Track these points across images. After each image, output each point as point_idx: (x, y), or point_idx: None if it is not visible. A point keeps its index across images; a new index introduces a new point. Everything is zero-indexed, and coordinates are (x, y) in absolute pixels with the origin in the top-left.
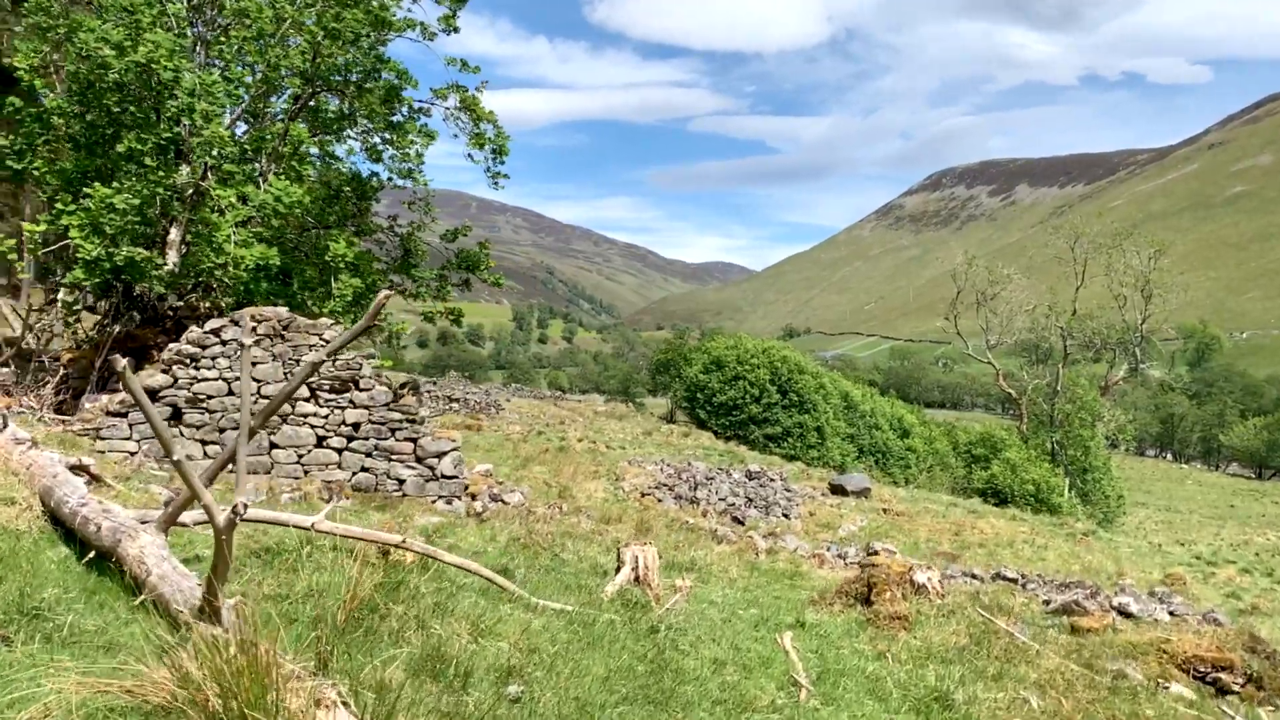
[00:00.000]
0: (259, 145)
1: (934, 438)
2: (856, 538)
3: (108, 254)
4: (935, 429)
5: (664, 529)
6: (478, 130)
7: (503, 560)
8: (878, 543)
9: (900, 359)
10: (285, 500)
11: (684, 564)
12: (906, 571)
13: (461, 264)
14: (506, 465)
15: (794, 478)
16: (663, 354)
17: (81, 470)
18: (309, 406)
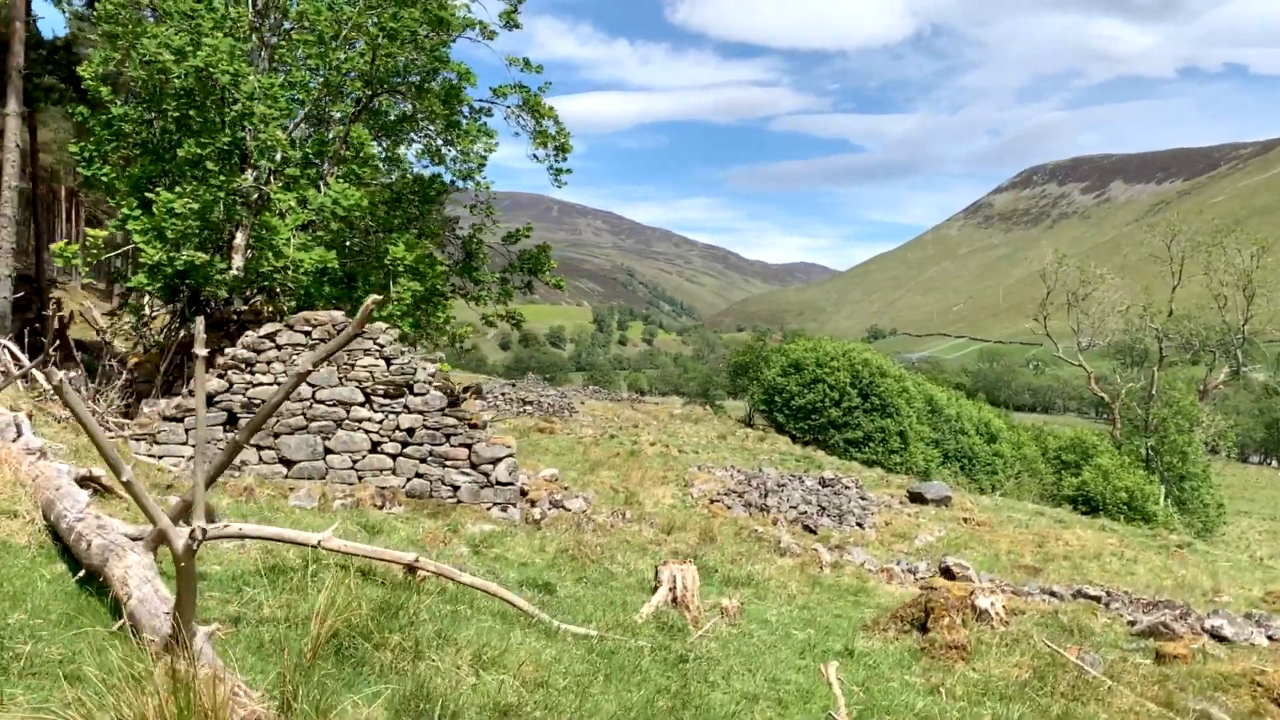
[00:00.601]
0: (320, 149)
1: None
2: (933, 549)
3: (169, 259)
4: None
5: (729, 538)
6: (540, 128)
7: (547, 574)
8: (952, 556)
9: (989, 361)
10: (337, 506)
11: (740, 579)
12: (968, 596)
13: (523, 266)
14: (574, 470)
15: (871, 485)
16: (741, 356)
17: (91, 481)
18: (364, 411)
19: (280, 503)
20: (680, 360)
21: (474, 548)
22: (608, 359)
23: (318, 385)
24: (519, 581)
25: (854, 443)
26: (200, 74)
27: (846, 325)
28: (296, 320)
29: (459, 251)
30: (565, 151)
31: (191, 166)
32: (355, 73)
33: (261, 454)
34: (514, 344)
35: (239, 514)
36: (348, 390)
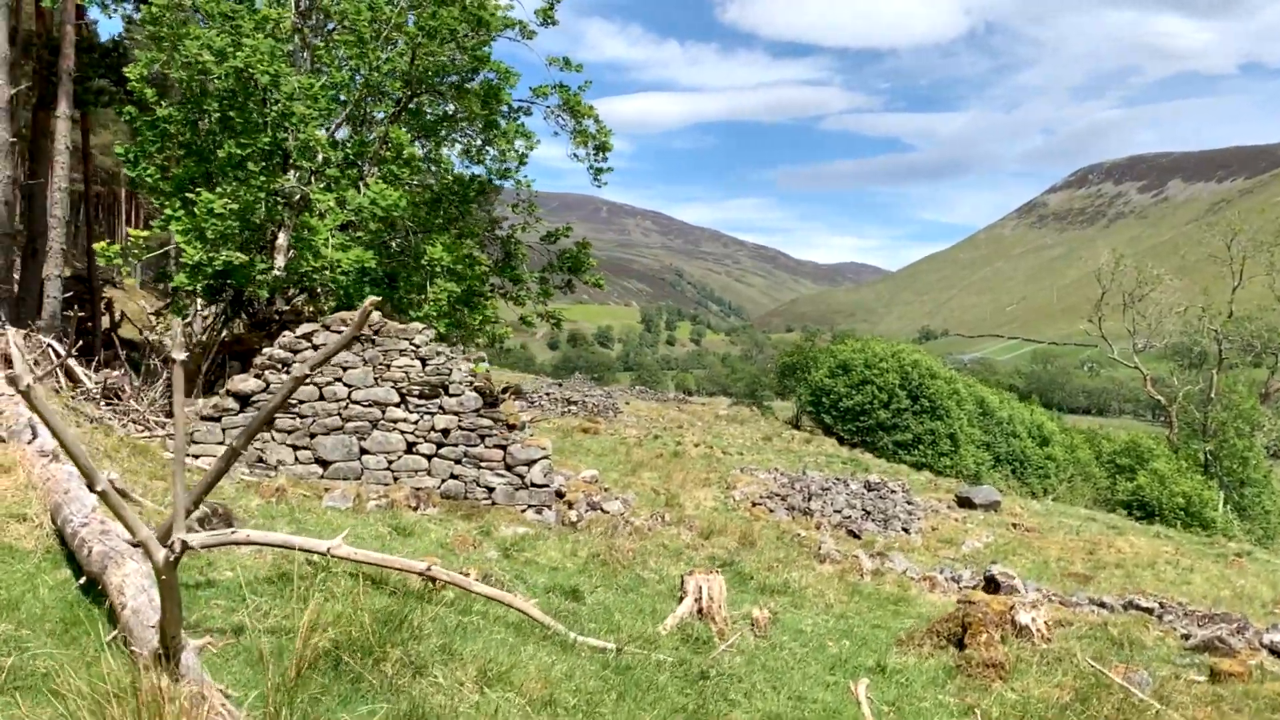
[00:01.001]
0: (361, 150)
1: (1076, 446)
2: (980, 556)
3: (209, 259)
4: (1077, 436)
5: (770, 543)
6: (580, 127)
7: (576, 580)
8: (998, 565)
9: (1042, 363)
10: (371, 507)
11: (776, 586)
12: (1008, 610)
13: (563, 265)
14: (616, 471)
15: (919, 489)
16: (788, 356)
17: None
18: (399, 412)
19: (313, 504)
20: (728, 360)
21: (504, 551)
22: (655, 359)
23: (354, 385)
24: (547, 588)
25: (903, 445)
26: (240, 74)
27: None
28: (333, 320)
29: (499, 251)
30: (605, 150)
31: (233, 167)
32: (396, 73)
33: (298, 454)
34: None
35: (268, 515)
36: (383, 391)
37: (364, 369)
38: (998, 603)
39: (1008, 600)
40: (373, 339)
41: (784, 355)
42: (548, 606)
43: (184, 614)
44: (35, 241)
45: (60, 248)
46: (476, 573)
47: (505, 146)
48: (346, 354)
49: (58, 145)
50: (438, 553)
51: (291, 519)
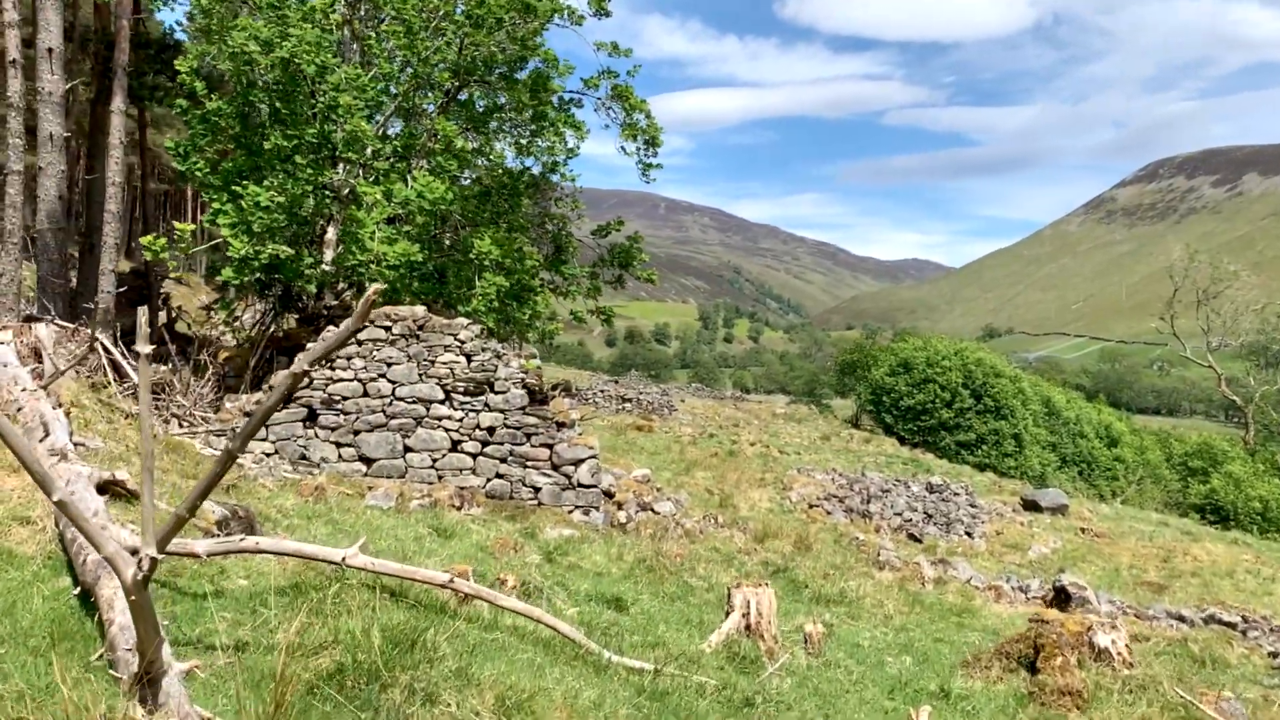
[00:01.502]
0: (410, 143)
1: (1145, 447)
2: (1047, 562)
3: (254, 252)
4: (1147, 438)
5: (827, 547)
6: (630, 120)
7: (620, 587)
8: (1068, 574)
9: (1111, 361)
10: (414, 506)
11: (832, 596)
12: (1084, 631)
13: (613, 259)
14: (669, 470)
15: (983, 491)
16: (848, 354)
17: (115, 485)
18: (443, 409)
19: (354, 503)
20: (786, 358)
21: (547, 555)
22: (713, 356)
23: (398, 382)
24: (589, 595)
25: (965, 445)
26: (287, 65)
27: (961, 324)
28: (377, 315)
29: (548, 246)
30: (655, 145)
31: (281, 160)
32: (444, 63)
33: (341, 451)
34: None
35: (304, 515)
36: (427, 387)
37: (408, 365)
38: (1073, 622)
39: (1084, 619)
40: (417, 334)
41: (843, 353)
42: (588, 617)
43: (188, 628)
44: (92, 236)
45: (114, 242)
46: (514, 580)
47: (554, 138)
48: (392, 350)
49: (112, 140)
50: (476, 556)
51: (328, 519)
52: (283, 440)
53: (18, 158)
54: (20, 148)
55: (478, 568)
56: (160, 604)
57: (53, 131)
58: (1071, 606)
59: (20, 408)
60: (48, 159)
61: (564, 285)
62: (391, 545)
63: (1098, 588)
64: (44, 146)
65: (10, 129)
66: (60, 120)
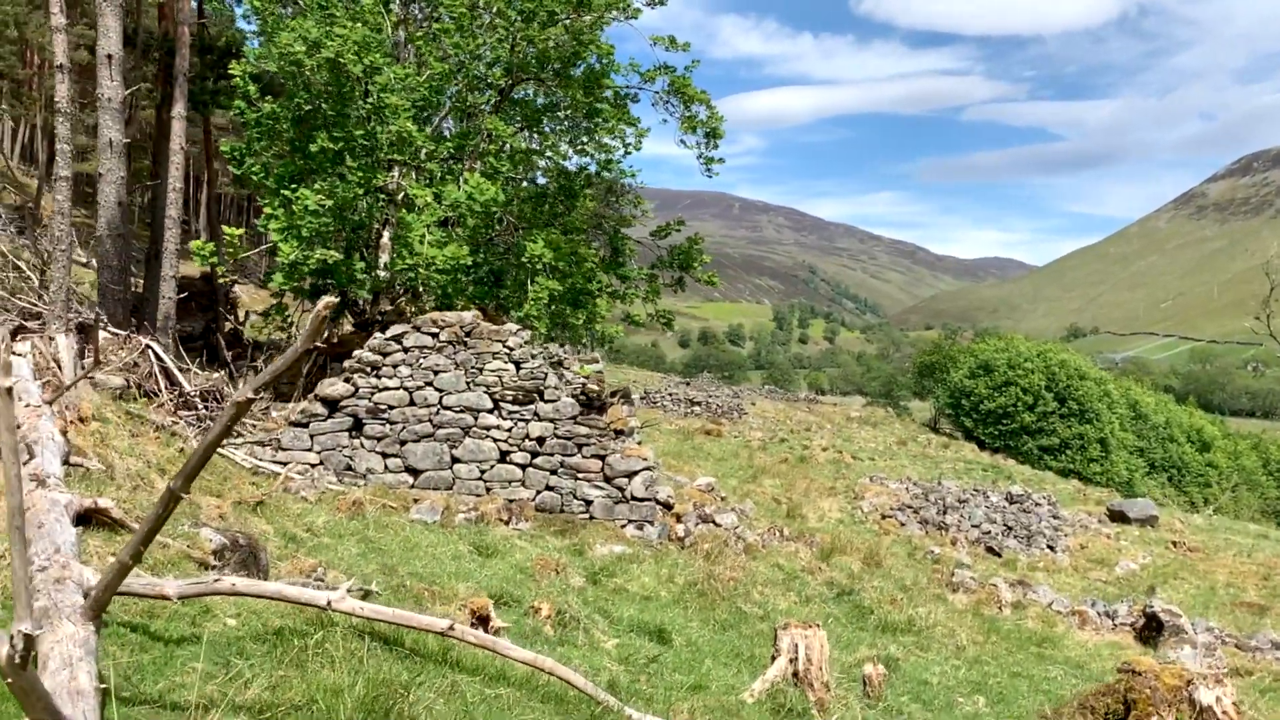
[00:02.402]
0: (462, 144)
1: (1240, 452)
2: (1135, 579)
3: (304, 257)
4: (1241, 442)
5: (900, 562)
6: (689, 113)
7: (668, 614)
8: (1159, 600)
9: (1201, 362)
10: (460, 521)
11: (899, 624)
12: (1182, 685)
13: (673, 261)
14: (735, 477)
15: (1066, 500)
16: (926, 356)
17: (98, 514)
18: (491, 419)
19: (394, 518)
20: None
21: (591, 576)
22: (787, 358)
23: (445, 390)
24: (630, 625)
25: (1049, 450)
26: (333, 66)
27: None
28: (424, 321)
29: (605, 248)
30: (716, 138)
31: (330, 163)
32: (498, 62)
33: (387, 462)
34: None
35: (335, 534)
36: (475, 396)
37: (455, 373)
38: (1170, 674)
39: (1182, 671)
40: (464, 341)
41: (921, 354)
42: (627, 651)
43: (151, 681)
44: (158, 244)
45: (175, 248)
46: (549, 608)
47: (609, 134)
48: (438, 358)
49: (173, 145)
50: (515, 579)
51: (362, 538)
52: (327, 451)
53: (66, 164)
54: (69, 154)
55: (513, 593)
56: (127, 652)
57: (112, 138)
58: (1164, 636)
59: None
60: (107, 165)
61: (621, 288)
62: (428, 566)
63: (1191, 609)
64: (104, 153)
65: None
66: (119, 126)
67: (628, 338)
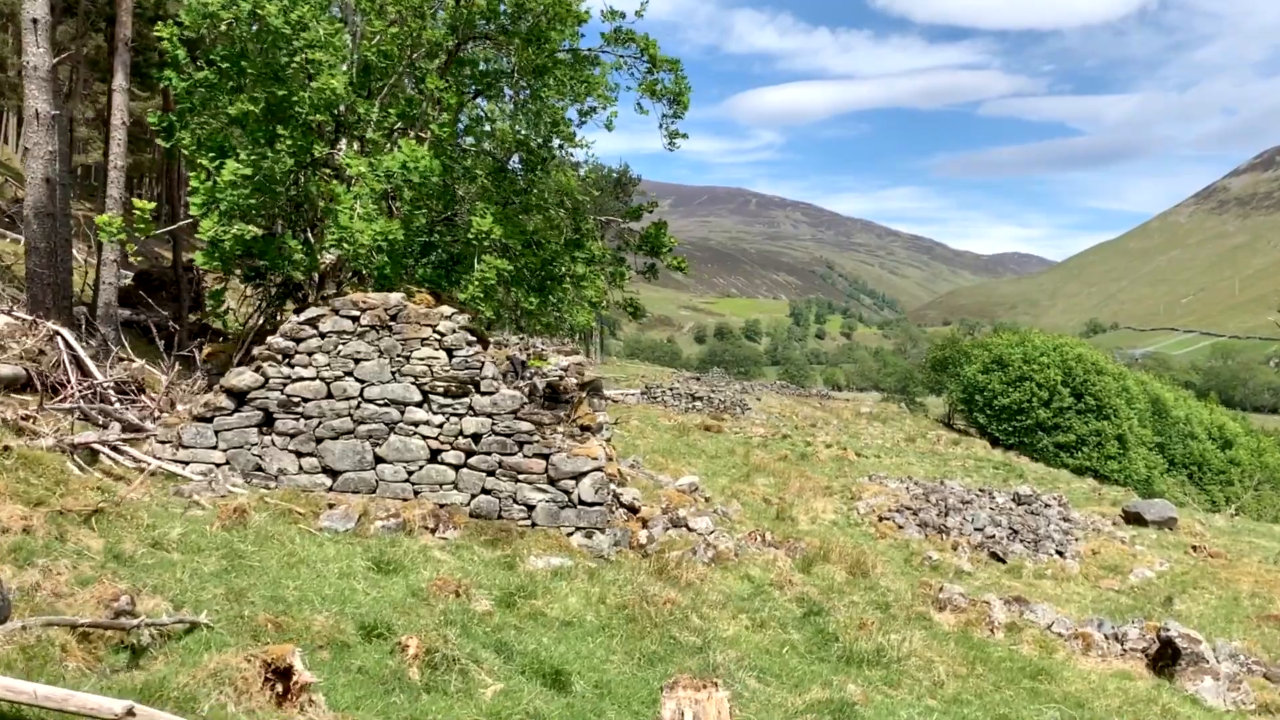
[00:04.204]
0: (409, 111)
1: (1263, 449)
2: (1151, 589)
3: (222, 234)
4: (1265, 439)
5: (893, 568)
6: (652, 78)
7: (583, 646)
8: (1175, 621)
9: (1223, 358)
10: (377, 529)
11: (866, 654)
12: None
13: (641, 246)
14: (726, 476)
15: (1080, 501)
16: (939, 350)
17: None
18: (420, 413)
19: (293, 527)
20: (880, 355)
21: (505, 598)
22: (804, 353)
23: (367, 381)
24: (529, 664)
25: (1064, 447)
26: (253, 19)
27: (1062, 319)
28: (343, 303)
29: (569, 229)
30: (681, 105)
31: (263, 131)
32: (440, 22)
33: (302, 462)
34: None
35: (192, 548)
36: (401, 387)
37: (379, 361)
38: None
39: None
40: (389, 325)
41: (935, 349)
42: (509, 702)
43: None
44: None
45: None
46: (418, 645)
47: (559, 95)
48: (360, 344)
49: (113, 120)
50: (404, 604)
51: (231, 553)
52: (234, 449)
53: None
54: None
55: (392, 622)
56: None
57: (39, 109)
58: (1181, 665)
59: None
60: (35, 139)
61: (585, 271)
62: (301, 589)
63: (1213, 623)
64: (30, 125)
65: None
66: (47, 97)
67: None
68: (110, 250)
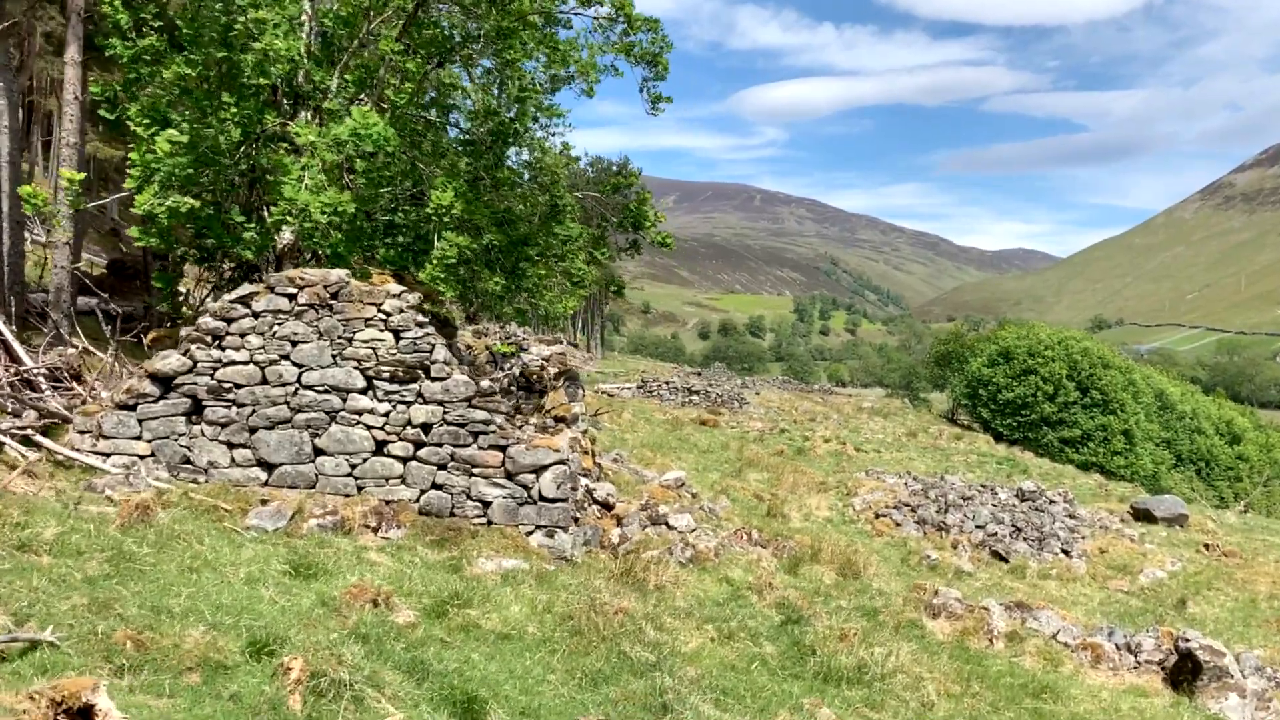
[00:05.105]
0: (366, 78)
1: (1272, 445)
2: (1163, 590)
3: (156, 207)
4: (1273, 434)
5: (889, 568)
6: (629, 40)
7: (518, 664)
8: (1195, 635)
9: (1229, 353)
10: (312, 528)
11: (846, 671)
12: None
13: (622, 222)
14: (717, 471)
15: (1086, 497)
16: (942, 345)
17: None
18: (364, 400)
19: (214, 526)
20: (884, 351)
21: (436, 608)
22: (808, 350)
23: (305, 365)
24: (442, 689)
25: (1069, 442)
26: None
27: (1067, 315)
28: (278, 280)
29: (544, 207)
30: (660, 67)
31: (208, 98)
32: None
33: (234, 454)
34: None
35: (70, 552)
36: (343, 372)
37: (318, 344)
38: None
39: None
40: (330, 305)
41: (938, 344)
42: None
43: None
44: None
45: (69, 212)
46: (300, 668)
47: (526, 58)
48: (297, 325)
49: (65, 95)
50: (311, 615)
51: (117, 555)
52: (160, 440)
53: None
54: None
55: (291, 637)
56: None
57: None
58: (1202, 680)
59: None
60: None
61: (560, 248)
62: (194, 597)
63: (1230, 627)
64: None
65: None
66: None
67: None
68: (61, 233)
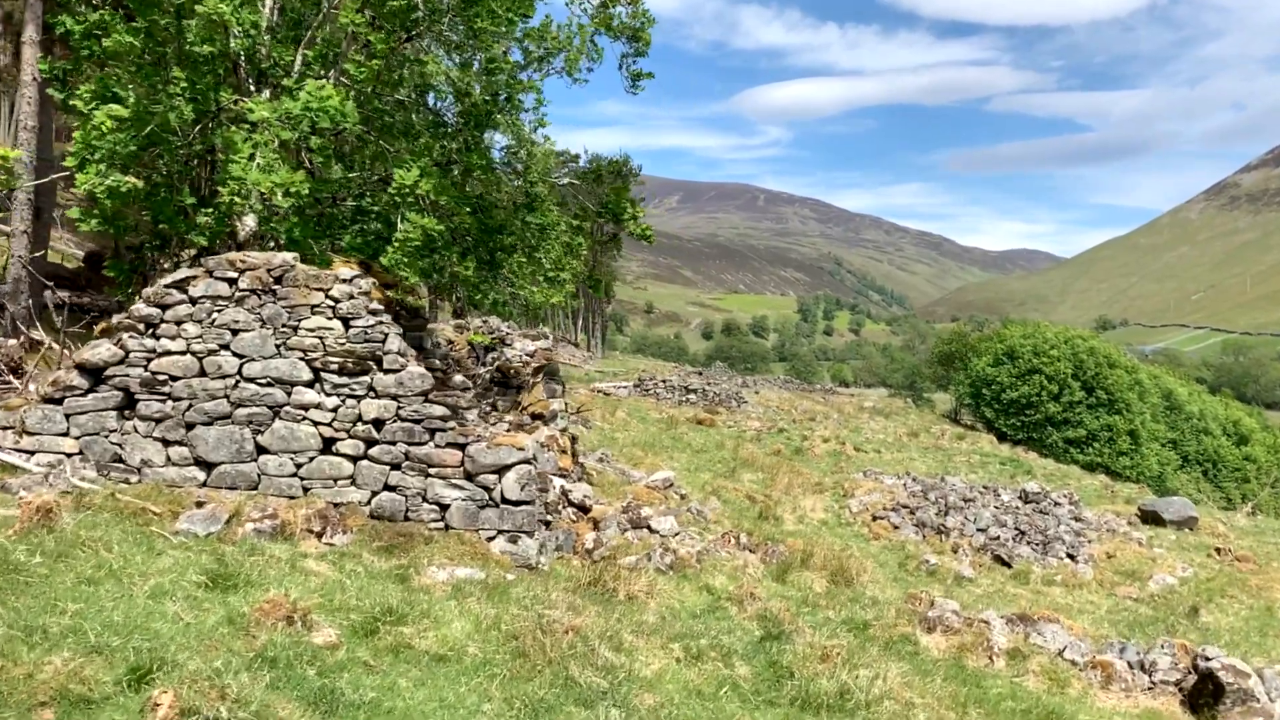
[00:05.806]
0: (328, 51)
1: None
2: (1174, 598)
3: (96, 186)
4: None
5: (886, 573)
6: (606, 13)
7: (450, 692)
8: (1218, 652)
9: (1234, 354)
10: (248, 533)
11: (826, 697)
12: None
13: (601, 211)
14: (710, 471)
15: (1091, 499)
16: (946, 344)
17: None
18: (310, 394)
19: (136, 531)
20: (888, 351)
21: (367, 624)
22: (811, 349)
23: (246, 356)
24: None
25: (1074, 442)
26: None
27: (1072, 315)
28: (217, 263)
29: (520, 195)
30: (640, 43)
31: (153, 69)
32: None
33: (169, 452)
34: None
35: None
36: (288, 364)
37: (261, 332)
38: None
39: None
40: (273, 290)
41: (941, 343)
42: None
43: None
44: (39, 198)
45: (26, 199)
46: (171, 702)
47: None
48: (238, 312)
49: (23, 77)
50: (213, 634)
51: (2, 566)
52: (89, 436)
53: None
54: None
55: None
56: None
57: None
58: (1225, 704)
59: None
60: None
61: (535, 237)
62: (96, 612)
63: (1246, 636)
64: None
65: None
66: None
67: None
68: (20, 221)
